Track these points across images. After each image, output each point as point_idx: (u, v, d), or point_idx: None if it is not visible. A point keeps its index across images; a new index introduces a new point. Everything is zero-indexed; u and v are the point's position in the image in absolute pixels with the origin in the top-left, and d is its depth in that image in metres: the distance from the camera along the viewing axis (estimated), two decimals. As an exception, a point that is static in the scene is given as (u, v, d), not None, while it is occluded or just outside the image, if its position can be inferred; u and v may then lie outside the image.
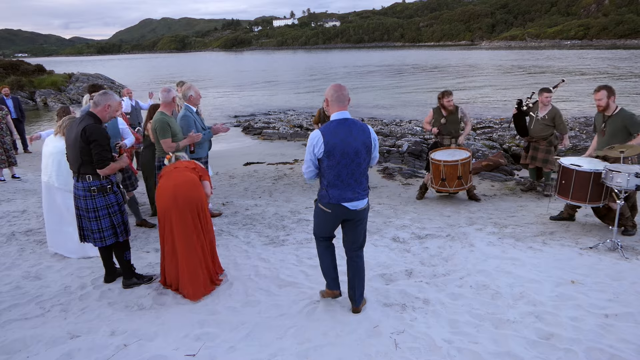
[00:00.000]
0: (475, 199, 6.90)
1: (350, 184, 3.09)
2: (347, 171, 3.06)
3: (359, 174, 3.10)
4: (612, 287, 3.70)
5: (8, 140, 8.47)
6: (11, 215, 5.96)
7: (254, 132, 15.11)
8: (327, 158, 3.04)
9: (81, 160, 3.55)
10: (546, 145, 6.76)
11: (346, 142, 3.01)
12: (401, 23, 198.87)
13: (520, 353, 2.85)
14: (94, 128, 3.47)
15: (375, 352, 2.89)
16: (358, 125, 3.08)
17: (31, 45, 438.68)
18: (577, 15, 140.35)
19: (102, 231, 3.68)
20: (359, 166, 3.08)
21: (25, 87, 25.52)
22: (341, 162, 3.03)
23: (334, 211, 3.16)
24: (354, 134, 3.04)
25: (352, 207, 3.14)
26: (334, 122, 3.07)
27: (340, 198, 3.11)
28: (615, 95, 5.13)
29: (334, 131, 3.03)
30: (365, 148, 3.08)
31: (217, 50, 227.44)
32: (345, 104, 3.12)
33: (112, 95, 3.66)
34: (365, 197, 3.19)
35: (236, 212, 6.18)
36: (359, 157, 3.06)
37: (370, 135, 3.10)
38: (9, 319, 3.34)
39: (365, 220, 3.29)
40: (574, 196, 5.00)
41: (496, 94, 24.24)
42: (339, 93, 3.08)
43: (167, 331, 3.15)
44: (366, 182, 3.18)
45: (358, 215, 3.20)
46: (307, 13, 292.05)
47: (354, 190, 3.11)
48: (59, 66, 41.17)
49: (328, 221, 3.24)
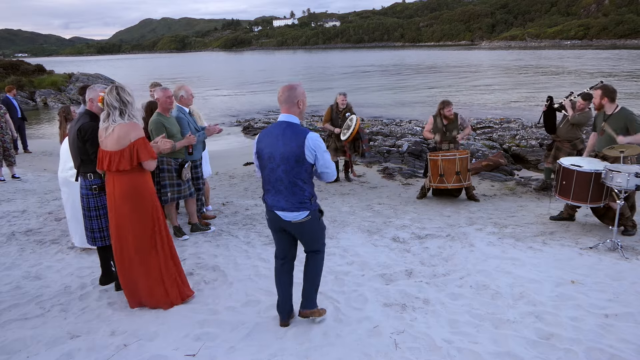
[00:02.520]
0: (474, 199, 6.90)
1: (280, 191, 2.91)
2: (274, 176, 2.91)
3: (288, 183, 2.87)
4: (612, 287, 3.70)
5: (8, 139, 8.47)
6: (11, 215, 5.96)
7: (254, 132, 15.12)
8: (258, 159, 3.01)
9: (80, 160, 3.57)
10: (569, 148, 6.73)
11: (274, 146, 2.87)
12: (401, 23, 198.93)
13: (520, 353, 2.84)
14: (88, 127, 3.46)
15: (375, 352, 2.89)
16: (294, 131, 2.86)
17: (31, 45, 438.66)
18: (577, 15, 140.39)
19: (103, 230, 3.69)
20: (286, 174, 2.86)
21: (25, 87, 25.51)
22: (267, 165, 2.93)
23: (269, 217, 3.05)
24: (286, 139, 2.85)
25: (285, 218, 2.95)
26: (272, 124, 3.01)
27: (273, 205, 2.96)
28: (614, 95, 5.11)
29: (268, 133, 2.95)
30: (294, 156, 2.82)
31: (217, 50, 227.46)
32: (291, 106, 2.93)
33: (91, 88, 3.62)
34: (303, 211, 2.92)
35: (236, 212, 6.18)
36: (285, 164, 2.85)
37: (303, 144, 2.81)
38: (9, 319, 3.34)
39: (310, 234, 3.05)
40: (575, 197, 4.99)
41: (496, 94, 24.25)
42: (286, 94, 2.92)
43: (167, 331, 3.15)
44: (302, 194, 2.90)
45: (295, 228, 2.98)
46: (307, 13, 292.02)
47: (287, 200, 2.90)
48: (59, 66, 41.16)
49: (270, 229, 3.15)
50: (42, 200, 6.79)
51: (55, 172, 9.06)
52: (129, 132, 3.20)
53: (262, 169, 3.02)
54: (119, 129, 3.19)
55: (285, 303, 3.20)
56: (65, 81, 28.98)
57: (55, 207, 6.27)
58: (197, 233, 5.21)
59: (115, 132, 3.19)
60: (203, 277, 4.04)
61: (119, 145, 3.19)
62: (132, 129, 3.22)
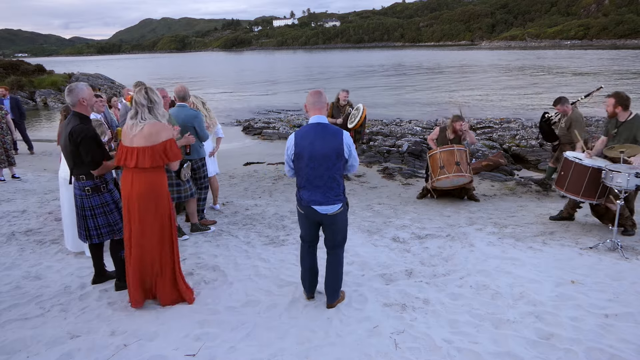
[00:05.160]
0: (474, 199, 6.91)
1: (319, 187, 3.15)
2: (315, 174, 3.13)
3: (327, 179, 3.13)
4: (612, 287, 3.70)
5: (8, 139, 8.47)
6: (11, 215, 5.96)
7: (254, 132, 15.12)
8: (297, 160, 3.19)
9: (73, 162, 3.55)
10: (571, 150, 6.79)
11: (315, 146, 3.09)
12: (401, 23, 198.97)
13: (520, 353, 2.85)
14: (79, 130, 3.42)
15: (375, 352, 2.89)
16: (331, 130, 3.13)
17: (31, 45, 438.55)
18: (577, 15, 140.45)
19: (99, 228, 3.69)
20: (328, 170, 3.12)
21: (25, 87, 25.52)
22: (309, 165, 3.12)
23: (305, 213, 3.27)
24: (325, 138, 3.10)
25: (321, 211, 3.20)
26: (307, 125, 3.20)
27: (310, 200, 3.19)
28: (627, 102, 5.03)
29: (305, 134, 3.15)
30: (336, 153, 3.10)
31: (217, 50, 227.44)
32: (322, 109, 3.20)
33: (77, 88, 3.53)
34: (338, 203, 3.21)
35: (236, 212, 6.18)
36: (327, 161, 3.10)
37: (342, 141, 3.12)
38: (9, 319, 3.34)
39: (340, 224, 3.32)
40: (569, 188, 5.09)
41: (496, 94, 24.25)
42: (315, 99, 3.19)
43: (167, 331, 3.15)
44: (338, 188, 3.20)
45: (329, 220, 3.25)
46: (307, 13, 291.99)
47: (324, 195, 3.16)
48: (59, 66, 41.16)
49: (303, 222, 3.39)
50: (42, 200, 6.79)
51: (55, 172, 9.07)
52: (160, 131, 3.34)
53: (301, 169, 3.19)
54: (149, 127, 3.31)
55: (313, 278, 3.54)
56: (65, 81, 28.94)
57: (55, 207, 6.27)
58: (197, 233, 5.21)
59: (146, 130, 3.31)
60: (203, 277, 4.04)
61: (147, 142, 3.30)
62: (164, 129, 3.36)
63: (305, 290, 3.59)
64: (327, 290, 3.45)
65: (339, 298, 3.50)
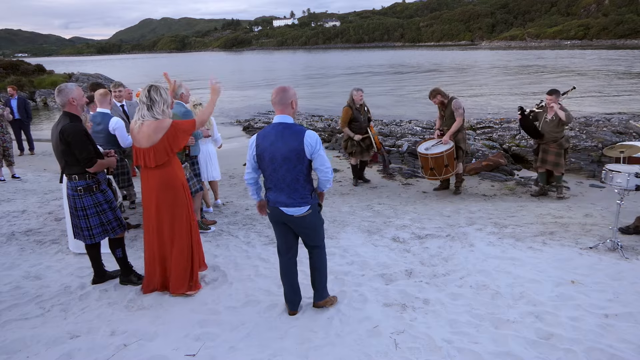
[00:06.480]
0: (457, 191, 7.30)
1: (282, 189, 3.06)
2: (276, 176, 3.04)
3: (290, 180, 3.02)
4: (612, 287, 3.70)
5: (8, 138, 8.48)
6: (11, 215, 5.96)
7: (254, 132, 15.11)
8: (259, 161, 3.12)
9: (64, 162, 3.55)
10: (557, 148, 6.68)
11: (275, 147, 2.99)
12: (401, 23, 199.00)
13: (520, 353, 2.85)
14: (70, 129, 3.42)
15: (375, 352, 2.90)
16: (292, 130, 2.99)
17: (31, 45, 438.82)
18: (577, 15, 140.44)
19: (91, 229, 3.68)
20: (289, 172, 3.00)
21: (25, 87, 25.52)
22: (270, 166, 3.04)
23: (272, 213, 3.20)
24: (286, 139, 2.97)
25: (288, 212, 3.10)
26: (268, 126, 3.11)
27: (276, 201, 3.11)
28: None
29: (267, 135, 3.06)
30: (296, 154, 2.96)
31: (217, 50, 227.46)
32: (285, 108, 3.04)
33: (67, 88, 3.52)
34: (304, 205, 3.08)
35: (236, 212, 6.19)
36: (287, 163, 2.98)
37: (303, 142, 2.95)
38: (9, 319, 3.34)
39: (311, 226, 3.20)
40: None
41: (496, 94, 24.25)
42: (279, 96, 3.03)
43: (167, 331, 3.15)
44: (304, 190, 3.07)
45: (297, 222, 3.14)
46: (307, 13, 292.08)
47: (289, 196, 3.06)
48: (59, 66, 41.18)
49: (274, 227, 3.30)
50: (42, 200, 6.79)
51: (55, 172, 9.07)
52: (157, 129, 3.42)
53: (263, 170, 3.13)
54: (146, 126, 3.41)
55: (295, 293, 3.41)
56: (65, 81, 28.94)
57: (55, 207, 6.28)
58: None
59: (144, 129, 3.41)
60: (203, 277, 4.04)
61: (148, 142, 3.43)
62: (160, 124, 3.43)
63: (287, 305, 3.43)
64: (314, 288, 3.42)
65: (325, 298, 3.44)
